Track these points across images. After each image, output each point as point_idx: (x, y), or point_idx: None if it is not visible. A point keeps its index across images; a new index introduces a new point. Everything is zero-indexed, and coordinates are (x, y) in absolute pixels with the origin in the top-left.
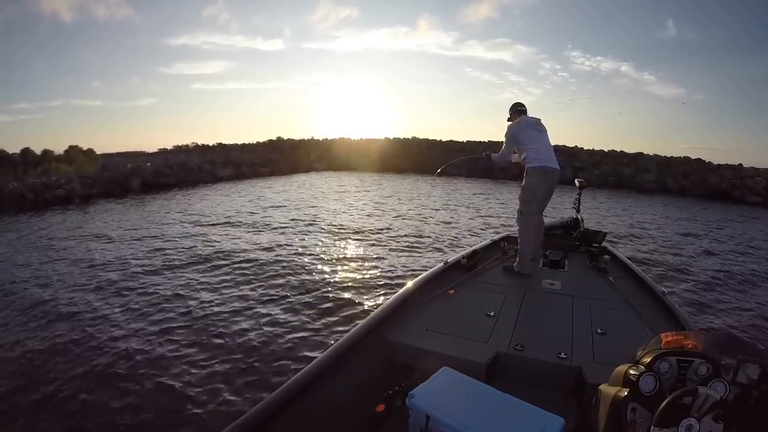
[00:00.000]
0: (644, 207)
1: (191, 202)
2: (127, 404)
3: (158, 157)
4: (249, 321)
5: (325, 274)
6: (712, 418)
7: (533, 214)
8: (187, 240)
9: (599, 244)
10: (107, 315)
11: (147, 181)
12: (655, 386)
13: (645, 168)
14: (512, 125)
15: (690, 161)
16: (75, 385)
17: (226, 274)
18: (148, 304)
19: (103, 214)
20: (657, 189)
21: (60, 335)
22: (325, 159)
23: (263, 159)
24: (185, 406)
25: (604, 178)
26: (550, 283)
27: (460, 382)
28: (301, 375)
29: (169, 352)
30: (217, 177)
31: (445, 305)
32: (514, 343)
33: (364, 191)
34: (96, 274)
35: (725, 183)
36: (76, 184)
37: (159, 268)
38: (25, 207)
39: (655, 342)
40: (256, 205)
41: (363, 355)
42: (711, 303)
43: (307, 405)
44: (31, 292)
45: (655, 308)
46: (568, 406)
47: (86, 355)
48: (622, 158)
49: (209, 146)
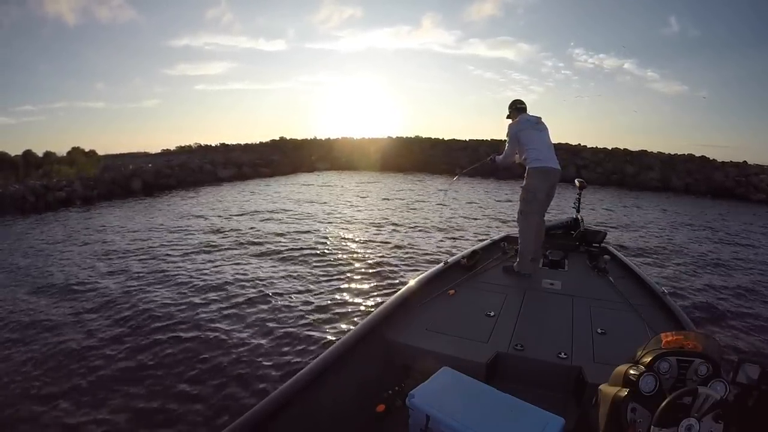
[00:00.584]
0: (647, 205)
1: (192, 202)
2: (126, 404)
3: (161, 158)
4: (249, 321)
5: (325, 274)
6: (712, 418)
7: (533, 214)
8: (186, 240)
9: (599, 244)
10: (107, 314)
11: (148, 183)
12: (655, 386)
13: (648, 166)
14: (512, 125)
15: (694, 159)
16: (74, 385)
17: (226, 275)
18: (143, 305)
19: (104, 216)
20: (661, 187)
21: (60, 335)
22: (327, 159)
23: (265, 159)
24: (185, 407)
25: (607, 177)
26: (550, 283)
27: (460, 382)
28: (301, 375)
29: (167, 353)
30: (219, 177)
31: (445, 305)
32: (514, 343)
33: (365, 191)
34: (96, 275)
35: (730, 180)
36: (77, 186)
37: (158, 269)
38: (26, 209)
39: (655, 342)
40: (256, 206)
41: (363, 355)
42: (711, 303)
43: (307, 405)
44: (30, 294)
45: (655, 308)
46: (568, 406)
47: (86, 355)
48: (626, 156)
49: (212, 146)
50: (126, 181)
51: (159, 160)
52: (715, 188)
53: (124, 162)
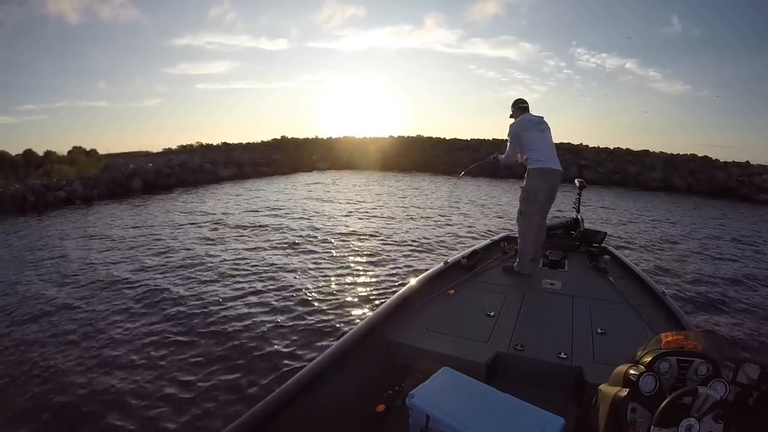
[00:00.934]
0: (649, 206)
1: (192, 202)
2: (125, 406)
3: (162, 157)
4: (248, 322)
5: (324, 275)
6: (712, 418)
7: (534, 215)
8: (185, 240)
9: (599, 244)
10: (103, 315)
11: (148, 182)
12: (655, 386)
13: (650, 166)
14: (514, 125)
15: (696, 159)
16: (73, 386)
17: (225, 275)
18: (143, 305)
19: (103, 216)
20: (663, 187)
21: (58, 335)
22: (328, 158)
23: (266, 158)
24: (185, 407)
25: (609, 176)
26: (550, 283)
27: (460, 382)
28: (301, 375)
29: (164, 354)
30: (219, 177)
31: (445, 305)
32: (514, 343)
33: (365, 191)
34: (93, 274)
35: (732, 181)
36: (77, 185)
37: (155, 268)
38: (26, 209)
39: (655, 342)
40: (255, 205)
41: (363, 355)
42: (712, 303)
43: (308, 405)
44: (28, 294)
45: (655, 308)
46: (568, 406)
47: (83, 355)
48: (628, 156)
49: (213, 146)
50: (126, 181)
51: (160, 160)
52: (717, 188)
53: (125, 161)
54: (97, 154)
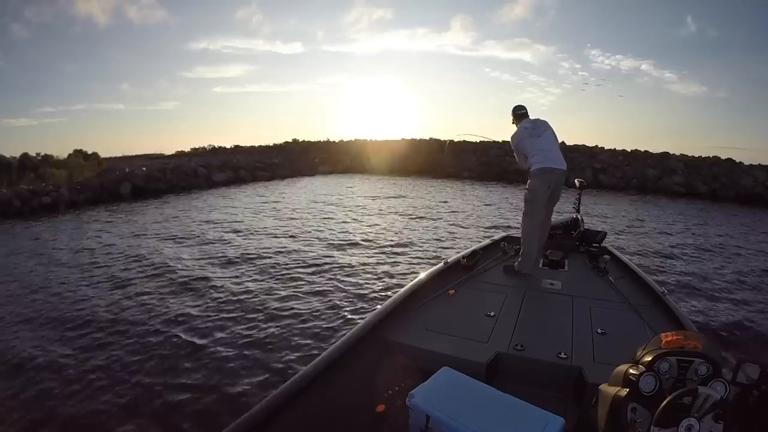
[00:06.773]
0: (670, 214)
1: (180, 209)
2: (123, 406)
3: (174, 160)
4: (248, 323)
5: (324, 275)
6: (712, 418)
7: (536, 214)
8: (173, 248)
9: (599, 244)
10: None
11: (138, 187)
12: (655, 386)
13: (671, 170)
14: (513, 137)
15: (720, 162)
16: (72, 384)
17: (224, 276)
18: (129, 313)
19: (80, 225)
20: (685, 192)
21: (54, 335)
22: (330, 162)
23: (264, 162)
24: (185, 407)
25: (627, 181)
26: (550, 283)
27: (460, 382)
28: (301, 375)
29: (161, 355)
30: (213, 182)
31: (445, 305)
32: (514, 343)
33: (366, 193)
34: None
35: (759, 186)
36: (63, 190)
37: (145, 276)
38: (9, 214)
39: (655, 342)
40: (251, 210)
41: (363, 355)
42: (712, 303)
43: (307, 405)
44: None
45: (655, 308)
46: (568, 406)
47: (75, 355)
48: (647, 159)
49: (224, 148)
50: (114, 186)
51: (156, 163)
52: (743, 194)
53: (126, 165)
54: (98, 157)
